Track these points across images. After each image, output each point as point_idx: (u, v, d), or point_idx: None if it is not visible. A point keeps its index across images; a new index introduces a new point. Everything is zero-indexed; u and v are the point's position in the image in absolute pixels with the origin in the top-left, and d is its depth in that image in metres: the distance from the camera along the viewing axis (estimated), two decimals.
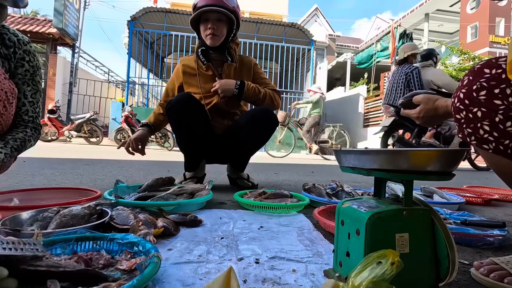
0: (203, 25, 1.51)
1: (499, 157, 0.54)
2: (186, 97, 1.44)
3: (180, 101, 1.42)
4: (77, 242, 0.62)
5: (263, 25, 8.30)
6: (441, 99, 0.76)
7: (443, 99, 0.76)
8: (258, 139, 1.59)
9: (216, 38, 1.51)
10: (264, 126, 1.53)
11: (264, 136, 1.58)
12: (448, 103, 0.74)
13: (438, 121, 0.80)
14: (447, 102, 0.74)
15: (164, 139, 6.60)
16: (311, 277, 0.59)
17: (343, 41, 19.45)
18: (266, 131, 1.56)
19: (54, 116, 6.88)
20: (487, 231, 0.87)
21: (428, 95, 0.80)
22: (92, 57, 12.79)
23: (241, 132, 1.54)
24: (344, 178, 2.47)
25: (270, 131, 1.57)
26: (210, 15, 1.49)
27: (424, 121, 0.81)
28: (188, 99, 1.44)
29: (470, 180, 2.92)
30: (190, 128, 1.47)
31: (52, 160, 2.82)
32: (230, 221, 0.98)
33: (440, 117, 0.77)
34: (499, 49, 14.57)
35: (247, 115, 1.54)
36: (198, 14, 1.48)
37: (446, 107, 0.74)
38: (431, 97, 0.78)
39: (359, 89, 10.41)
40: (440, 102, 0.76)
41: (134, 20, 7.91)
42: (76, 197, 1.13)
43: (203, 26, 1.51)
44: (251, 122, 1.51)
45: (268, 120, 1.52)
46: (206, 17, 1.50)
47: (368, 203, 0.54)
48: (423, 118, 0.80)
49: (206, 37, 1.51)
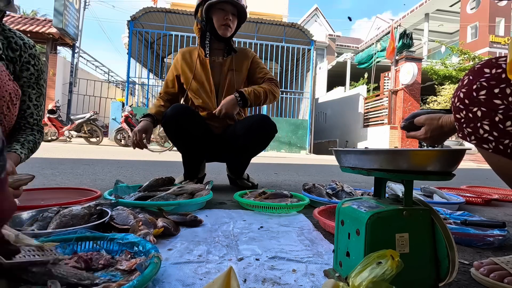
0: (218, 14, 1.51)
1: (499, 157, 0.54)
2: (181, 110, 1.42)
3: (175, 115, 1.41)
4: (77, 242, 0.62)
5: (263, 25, 8.29)
6: (445, 116, 0.74)
7: (446, 116, 0.74)
8: (256, 147, 1.58)
9: (229, 30, 1.54)
10: (262, 134, 1.52)
11: (262, 143, 1.57)
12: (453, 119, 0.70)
13: (446, 138, 0.79)
14: (450, 118, 0.72)
15: (164, 139, 6.60)
16: (311, 277, 0.59)
17: (343, 41, 19.47)
18: (264, 139, 1.55)
19: (54, 116, 6.88)
20: (487, 231, 0.87)
21: (430, 114, 0.78)
22: (92, 57, 12.79)
23: (239, 140, 1.52)
24: (344, 178, 2.47)
25: (268, 139, 1.56)
26: (227, 6, 1.50)
27: (432, 141, 0.80)
28: (184, 111, 1.43)
29: (470, 180, 2.92)
30: (188, 142, 1.47)
31: (52, 160, 2.82)
32: (230, 221, 0.98)
33: (446, 134, 0.76)
34: (499, 49, 14.58)
35: (245, 123, 1.52)
36: (216, 2, 1.48)
37: (451, 122, 0.72)
38: (434, 116, 0.76)
39: (359, 89, 10.41)
40: (444, 119, 0.74)
41: (134, 20, 7.91)
42: (76, 197, 1.13)
43: (219, 15, 1.51)
44: (249, 130, 1.49)
45: (266, 128, 1.51)
46: (222, 7, 1.50)
47: (368, 203, 0.54)
48: (430, 139, 0.79)
49: (220, 26, 1.51)
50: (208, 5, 1.48)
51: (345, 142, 10.35)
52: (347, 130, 10.59)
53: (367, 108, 9.74)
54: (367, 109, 9.71)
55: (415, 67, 7.80)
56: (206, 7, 1.49)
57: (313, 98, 8.69)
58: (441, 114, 0.76)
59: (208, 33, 1.56)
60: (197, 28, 1.58)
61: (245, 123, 1.53)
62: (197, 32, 1.59)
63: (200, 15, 1.54)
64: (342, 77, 12.53)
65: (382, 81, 9.10)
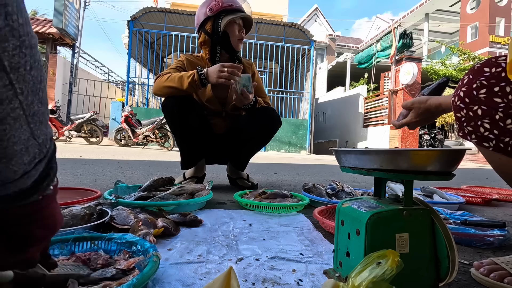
0: (235, 27, 1.49)
1: (500, 155, 0.54)
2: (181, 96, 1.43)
3: (175, 97, 1.42)
4: (75, 242, 0.62)
5: (263, 25, 8.29)
6: (432, 98, 0.80)
7: (433, 98, 0.80)
8: (260, 138, 1.59)
9: (242, 43, 1.55)
10: (267, 125, 1.54)
11: (267, 135, 1.58)
12: (441, 100, 0.77)
13: (434, 119, 0.84)
14: (437, 99, 0.78)
15: (164, 139, 6.60)
16: (311, 277, 0.59)
17: (343, 41, 19.48)
18: (269, 131, 1.56)
19: (54, 116, 6.88)
20: (487, 231, 0.87)
21: (417, 98, 0.84)
22: (92, 57, 12.80)
23: (244, 131, 1.54)
24: (344, 178, 2.47)
25: (273, 131, 1.57)
26: (240, 20, 1.51)
27: (422, 122, 0.85)
28: (183, 96, 1.43)
29: (470, 180, 2.92)
30: (185, 121, 1.45)
31: None
32: (230, 221, 0.98)
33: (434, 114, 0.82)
34: (499, 49, 14.57)
35: (250, 114, 1.53)
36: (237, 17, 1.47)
37: (439, 104, 0.77)
38: (421, 99, 0.82)
39: (359, 89, 10.41)
40: (431, 101, 0.80)
41: (134, 20, 7.91)
42: (76, 197, 1.13)
43: (235, 30, 1.49)
44: (254, 121, 1.51)
45: (271, 119, 1.53)
46: (238, 21, 1.50)
47: (368, 203, 0.54)
48: (421, 121, 0.85)
49: (236, 40, 1.51)
50: (230, 20, 1.46)
51: (345, 142, 10.35)
52: (347, 130, 10.60)
53: (367, 108, 9.74)
54: (367, 109, 9.71)
55: (415, 67, 7.80)
56: (227, 22, 1.46)
57: (313, 98, 8.69)
58: (428, 96, 0.82)
59: (219, 47, 1.53)
60: (207, 40, 1.52)
61: (250, 113, 1.53)
62: (205, 45, 1.54)
63: (210, 28, 1.49)
64: (342, 77, 12.53)
65: (382, 81, 9.10)
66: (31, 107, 0.28)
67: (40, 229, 0.35)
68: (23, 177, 0.30)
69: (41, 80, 0.30)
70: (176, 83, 1.36)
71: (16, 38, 0.26)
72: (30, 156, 0.30)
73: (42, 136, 0.31)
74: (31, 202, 0.33)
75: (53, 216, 0.37)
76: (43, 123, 0.31)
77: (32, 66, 0.28)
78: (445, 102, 0.75)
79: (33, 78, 0.28)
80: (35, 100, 0.29)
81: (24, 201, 0.32)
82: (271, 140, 1.63)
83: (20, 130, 0.28)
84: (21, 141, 0.28)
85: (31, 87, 0.28)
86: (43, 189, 0.33)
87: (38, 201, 0.34)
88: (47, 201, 0.35)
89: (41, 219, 0.35)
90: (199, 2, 1.65)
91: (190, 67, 1.53)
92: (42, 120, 0.30)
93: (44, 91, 0.31)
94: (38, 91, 0.29)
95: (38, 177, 0.32)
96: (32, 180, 0.31)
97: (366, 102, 9.77)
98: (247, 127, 1.54)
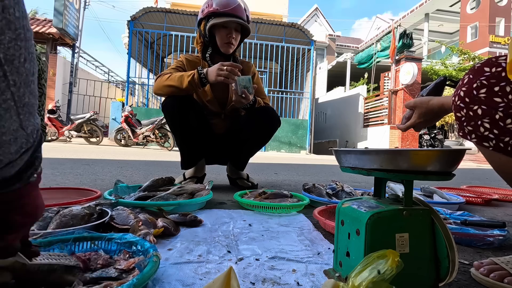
0: (222, 31, 1.48)
1: (500, 155, 0.54)
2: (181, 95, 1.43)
3: (175, 97, 1.42)
4: (75, 242, 0.62)
5: (263, 25, 8.29)
6: (434, 99, 0.80)
7: (435, 98, 0.80)
8: (260, 138, 1.59)
9: (232, 47, 1.52)
10: (267, 124, 1.54)
11: (266, 134, 1.58)
12: (443, 100, 0.77)
13: (438, 119, 0.84)
14: (439, 100, 0.78)
15: (164, 139, 6.60)
16: (311, 277, 0.59)
17: (343, 41, 19.47)
18: (268, 130, 1.56)
19: (54, 116, 6.88)
20: (487, 231, 0.87)
21: (419, 98, 0.84)
22: (92, 57, 12.80)
23: (243, 130, 1.55)
24: (344, 178, 2.47)
25: (272, 130, 1.57)
26: (230, 23, 1.47)
27: (425, 123, 0.85)
28: (183, 96, 1.43)
29: (470, 180, 2.92)
30: (185, 121, 1.45)
31: (52, 160, 2.82)
32: (230, 221, 0.98)
33: (438, 115, 0.81)
34: (499, 49, 14.57)
35: (249, 114, 1.54)
36: (223, 22, 1.44)
37: (442, 105, 0.77)
38: (424, 99, 0.82)
39: (359, 89, 10.41)
40: (433, 101, 0.79)
41: (134, 20, 7.91)
42: (76, 197, 1.13)
43: (222, 33, 1.48)
44: (253, 120, 1.51)
45: (270, 118, 1.53)
46: (226, 25, 1.47)
47: (368, 203, 0.54)
48: (424, 122, 0.84)
49: (223, 44, 1.49)
50: (211, 25, 1.46)
51: (345, 142, 10.36)
52: (347, 130, 10.60)
53: (367, 108, 9.75)
54: (367, 109, 9.72)
55: (415, 67, 7.80)
56: (209, 26, 1.45)
57: (313, 98, 8.69)
58: (429, 97, 0.81)
59: (210, 48, 1.54)
60: (200, 40, 1.55)
61: (250, 112, 1.53)
62: (198, 44, 1.56)
63: (203, 29, 1.50)
64: (342, 77, 12.53)
65: (382, 81, 9.10)
66: (22, 99, 0.29)
67: (19, 215, 0.35)
68: (7, 166, 0.30)
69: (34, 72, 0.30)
70: (176, 82, 1.36)
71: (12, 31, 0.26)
72: (17, 146, 0.30)
73: (31, 126, 0.31)
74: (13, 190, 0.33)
75: (33, 203, 0.36)
76: (32, 114, 0.31)
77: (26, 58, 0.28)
78: (447, 102, 0.75)
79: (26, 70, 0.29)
80: (26, 91, 0.29)
81: (6, 189, 0.32)
82: (271, 140, 1.64)
83: (10, 121, 0.28)
84: (10, 132, 0.28)
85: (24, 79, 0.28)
86: (26, 177, 0.33)
87: (19, 189, 0.33)
88: (29, 189, 0.35)
89: (21, 206, 0.35)
90: (199, 2, 1.66)
91: (189, 67, 1.54)
92: (31, 111, 0.31)
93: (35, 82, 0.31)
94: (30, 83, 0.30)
95: (22, 166, 0.32)
96: (16, 169, 0.31)
97: (366, 102, 9.77)
98: (246, 126, 1.54)
